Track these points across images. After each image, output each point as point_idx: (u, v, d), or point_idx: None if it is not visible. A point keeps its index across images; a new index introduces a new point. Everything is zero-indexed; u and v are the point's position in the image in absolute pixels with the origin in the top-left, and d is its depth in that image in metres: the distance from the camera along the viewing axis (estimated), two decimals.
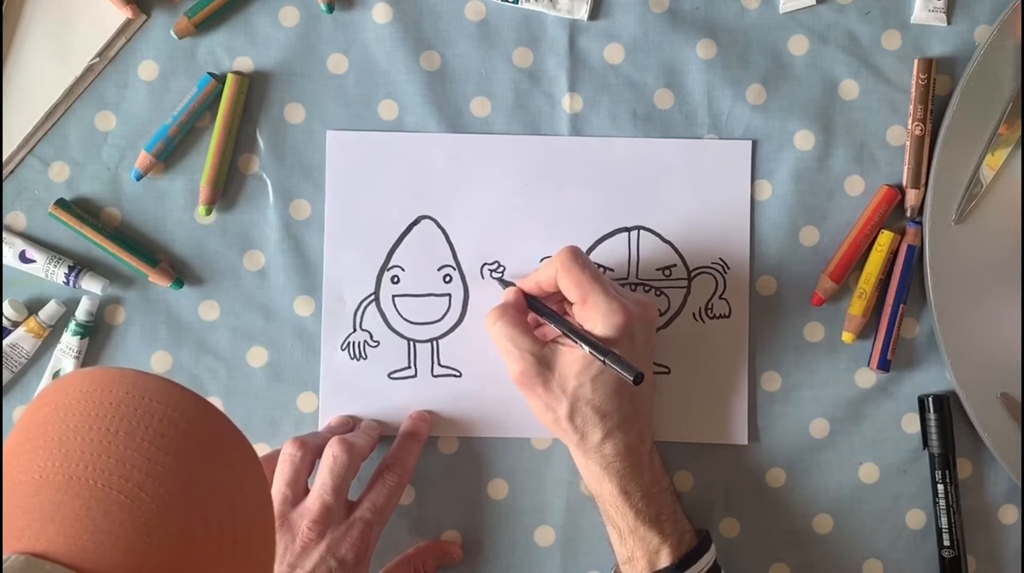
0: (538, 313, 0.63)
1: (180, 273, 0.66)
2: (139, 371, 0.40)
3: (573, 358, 0.60)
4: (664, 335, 0.67)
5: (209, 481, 0.38)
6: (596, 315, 0.59)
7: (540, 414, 0.62)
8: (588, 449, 0.60)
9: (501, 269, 0.67)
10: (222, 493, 0.39)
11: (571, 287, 0.60)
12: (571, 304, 0.62)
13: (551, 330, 0.62)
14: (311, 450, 0.61)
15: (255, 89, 0.67)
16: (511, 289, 0.64)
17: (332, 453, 0.60)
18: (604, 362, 0.58)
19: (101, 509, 0.35)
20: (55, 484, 0.36)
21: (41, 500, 0.35)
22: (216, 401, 0.67)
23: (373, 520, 0.60)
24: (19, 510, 0.35)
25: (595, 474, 0.61)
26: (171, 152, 0.66)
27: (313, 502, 0.59)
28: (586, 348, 0.58)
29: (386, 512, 0.62)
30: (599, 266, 0.67)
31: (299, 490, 0.60)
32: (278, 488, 0.60)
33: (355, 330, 0.67)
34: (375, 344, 0.67)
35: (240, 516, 0.39)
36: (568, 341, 0.60)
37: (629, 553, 0.61)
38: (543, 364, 0.60)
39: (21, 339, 0.65)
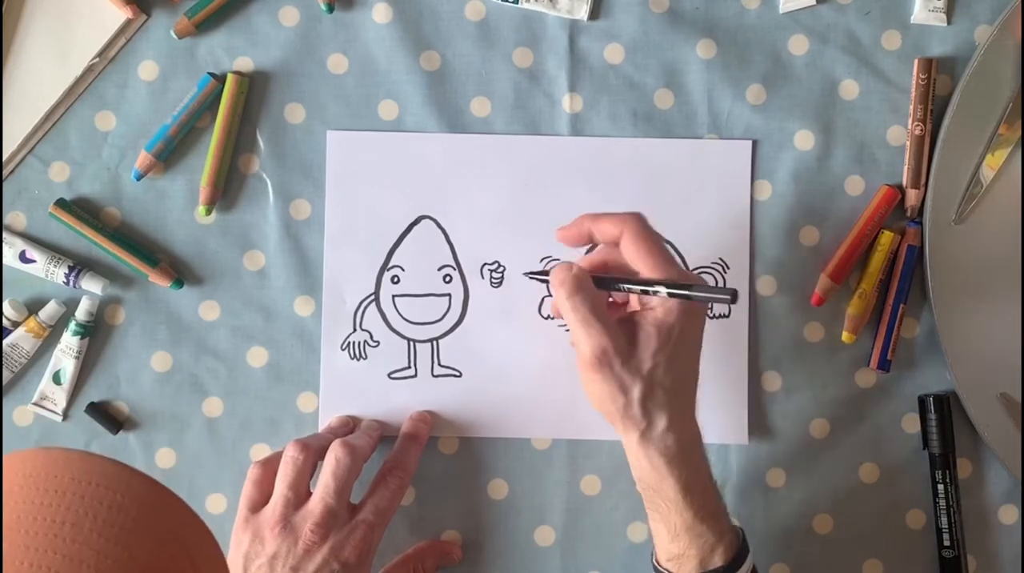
0: (604, 286, 0.58)
1: (180, 273, 0.66)
2: (84, 453, 0.38)
3: (647, 335, 0.56)
4: None
5: (163, 570, 0.36)
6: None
7: (606, 399, 0.56)
8: (653, 437, 0.56)
9: (501, 269, 0.67)
10: None
11: (641, 259, 0.56)
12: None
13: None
14: (313, 452, 0.61)
15: (255, 89, 0.67)
16: (573, 264, 0.58)
17: (335, 456, 0.60)
18: (689, 297, 0.54)
19: None
20: None
21: None
22: (216, 401, 0.67)
23: (376, 522, 0.60)
24: None
25: (657, 467, 0.57)
26: (171, 152, 0.66)
27: (316, 505, 0.59)
28: (663, 291, 0.55)
29: (388, 514, 0.62)
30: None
31: (301, 493, 0.60)
32: (280, 491, 0.60)
33: (355, 330, 0.67)
34: (375, 344, 0.67)
35: None
36: (640, 313, 0.57)
37: (680, 551, 0.58)
38: (625, 340, 0.56)
39: (21, 339, 0.65)
